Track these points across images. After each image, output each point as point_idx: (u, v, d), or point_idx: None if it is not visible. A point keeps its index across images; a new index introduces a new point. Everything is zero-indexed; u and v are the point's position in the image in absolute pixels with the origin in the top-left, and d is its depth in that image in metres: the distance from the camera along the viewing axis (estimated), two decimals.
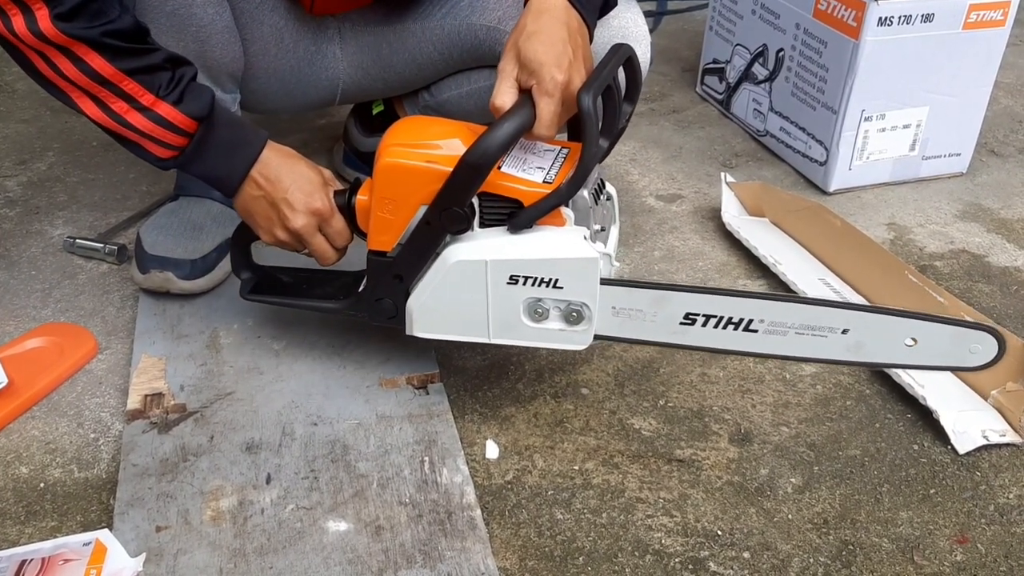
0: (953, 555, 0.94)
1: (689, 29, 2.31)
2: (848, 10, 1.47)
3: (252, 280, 1.12)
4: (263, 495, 0.95)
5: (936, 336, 0.93)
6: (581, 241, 0.95)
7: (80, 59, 0.92)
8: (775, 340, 0.95)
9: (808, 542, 0.95)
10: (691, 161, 1.70)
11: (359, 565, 0.88)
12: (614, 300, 0.98)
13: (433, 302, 0.99)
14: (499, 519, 0.96)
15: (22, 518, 0.94)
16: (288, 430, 1.03)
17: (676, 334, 0.98)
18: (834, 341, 0.94)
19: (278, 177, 1.03)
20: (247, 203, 1.05)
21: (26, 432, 1.05)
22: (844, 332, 0.93)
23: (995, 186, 1.65)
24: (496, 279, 0.96)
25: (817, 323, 0.93)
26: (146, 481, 0.96)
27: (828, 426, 1.10)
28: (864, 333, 0.93)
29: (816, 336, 0.94)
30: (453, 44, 1.29)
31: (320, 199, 1.03)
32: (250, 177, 1.03)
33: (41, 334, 1.16)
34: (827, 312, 0.93)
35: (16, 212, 1.45)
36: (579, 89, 0.90)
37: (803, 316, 0.94)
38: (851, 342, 0.94)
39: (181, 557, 0.88)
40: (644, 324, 0.99)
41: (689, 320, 0.96)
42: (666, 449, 1.06)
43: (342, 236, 1.06)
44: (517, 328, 0.99)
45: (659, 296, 0.97)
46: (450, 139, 0.95)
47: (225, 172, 1.03)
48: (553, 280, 0.95)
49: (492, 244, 0.95)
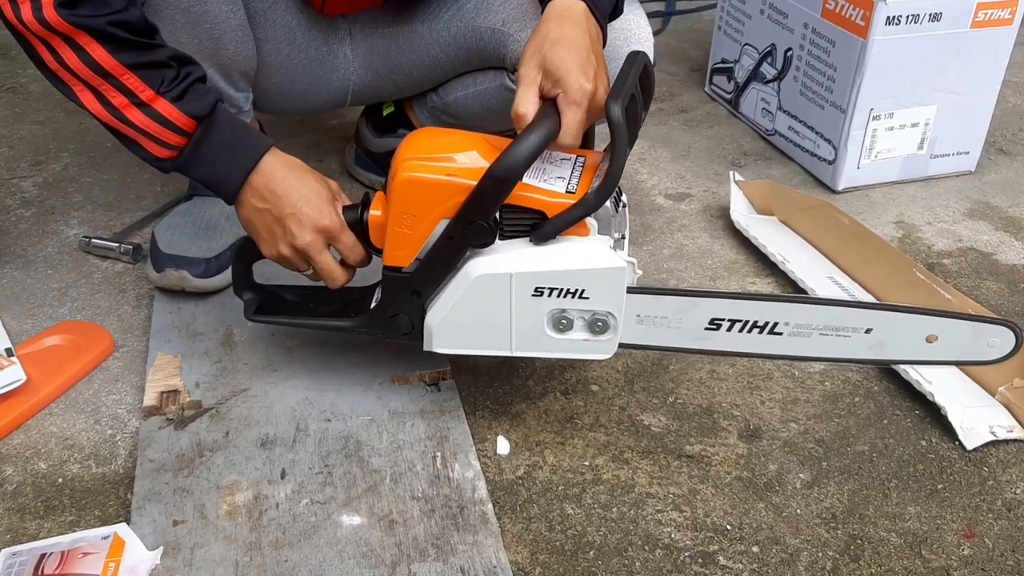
0: (961, 549, 0.95)
1: (698, 29, 2.32)
2: (856, 9, 1.48)
3: (255, 301, 1.08)
4: (278, 490, 0.96)
5: (956, 332, 0.96)
6: (608, 251, 0.94)
7: (82, 49, 0.91)
8: (799, 342, 0.96)
9: (816, 536, 0.96)
10: (700, 160, 1.71)
11: (372, 558, 0.89)
12: (639, 308, 0.98)
13: (454, 317, 0.96)
14: (510, 514, 0.97)
15: (41, 513, 0.96)
16: (302, 426, 1.05)
17: (701, 339, 0.98)
18: (857, 341, 0.96)
19: (285, 190, 0.98)
20: (250, 215, 1.00)
21: (44, 428, 1.06)
22: (867, 332, 0.95)
23: (1004, 184, 1.65)
24: (520, 292, 0.94)
25: (841, 324, 0.95)
26: (163, 476, 0.97)
27: (836, 422, 1.11)
28: (886, 332, 0.95)
29: (840, 336, 0.95)
30: (459, 46, 1.30)
31: (329, 215, 0.99)
32: (251, 185, 0.99)
33: (58, 332, 1.18)
34: (850, 312, 0.95)
35: (32, 212, 1.47)
36: (608, 100, 0.88)
37: (827, 317, 0.95)
38: (874, 341, 0.96)
39: (198, 550, 0.89)
40: (669, 331, 0.98)
41: (714, 326, 0.96)
42: (676, 445, 1.07)
43: (354, 253, 1.01)
44: (540, 340, 0.97)
45: (685, 303, 0.97)
46: (468, 151, 0.94)
47: (224, 176, 0.99)
48: (580, 291, 0.94)
49: (516, 256, 0.94)
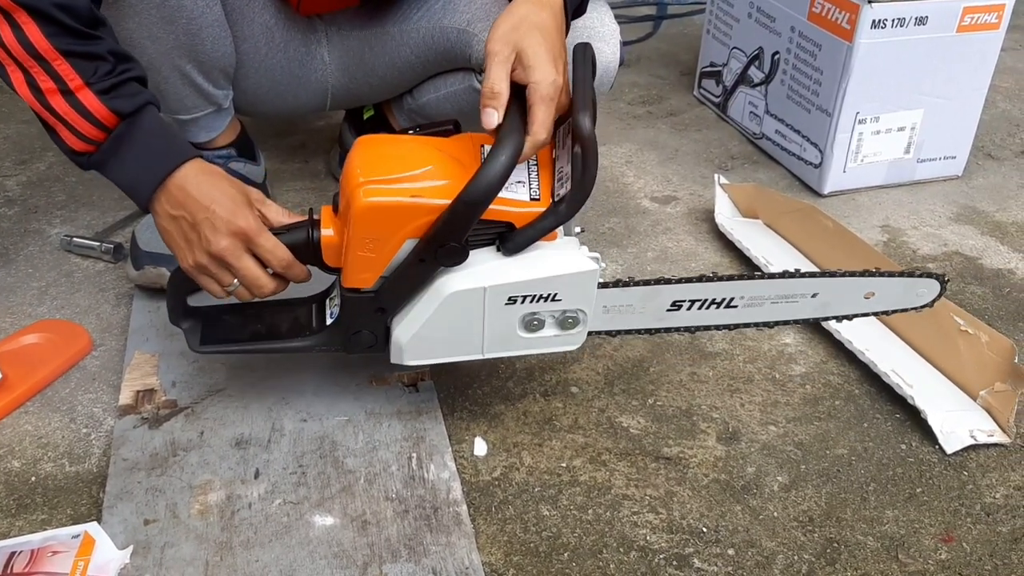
0: (938, 554, 0.95)
1: (688, 33, 2.32)
2: (842, 13, 1.47)
3: (196, 328, 1.02)
4: (251, 489, 0.96)
5: (890, 288, 1.06)
6: (580, 255, 0.94)
7: (20, 27, 0.89)
8: (753, 311, 1.04)
9: (793, 539, 0.95)
10: (687, 163, 1.70)
11: (344, 559, 0.89)
12: (606, 300, 1.00)
13: (426, 332, 0.95)
14: (485, 515, 0.96)
15: (13, 511, 0.95)
16: (278, 426, 1.04)
17: (663, 319, 1.03)
18: (804, 304, 1.05)
19: (199, 195, 0.92)
20: (166, 223, 0.95)
21: (19, 427, 1.06)
22: (814, 296, 1.04)
23: (990, 189, 1.65)
24: (494, 302, 0.93)
25: (790, 292, 1.04)
26: (135, 475, 0.97)
27: (816, 425, 1.10)
28: (830, 294, 1.05)
29: (789, 303, 1.04)
30: (428, 47, 1.29)
31: (244, 216, 0.93)
32: (166, 190, 0.93)
33: (36, 330, 1.17)
34: (797, 282, 1.04)
35: (15, 211, 1.46)
36: (577, 114, 0.86)
37: (777, 288, 1.03)
38: (819, 303, 1.05)
39: (168, 550, 0.89)
40: (633, 316, 1.02)
41: (675, 307, 1.01)
42: (654, 447, 1.06)
43: (276, 256, 0.94)
44: (511, 341, 0.97)
45: (649, 291, 1.00)
46: (424, 167, 0.90)
47: (138, 179, 0.95)
48: (553, 295, 0.94)
49: (488, 269, 0.92)
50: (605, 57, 1.21)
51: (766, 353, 1.21)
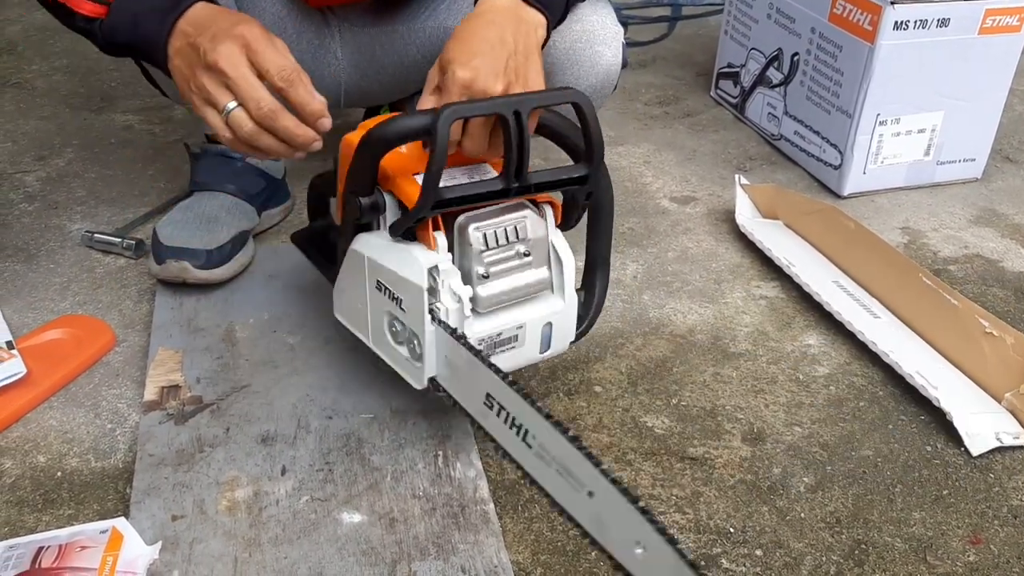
0: (966, 556, 0.94)
1: (704, 34, 2.32)
2: (864, 14, 1.47)
3: (309, 231, 1.16)
4: (278, 486, 0.96)
5: None
6: (419, 265, 0.88)
7: None
8: (540, 465, 0.78)
9: (820, 540, 0.95)
10: (705, 164, 1.70)
11: (372, 556, 0.88)
12: (447, 349, 0.89)
13: (340, 285, 1.02)
14: (512, 514, 0.96)
15: (39, 506, 0.95)
16: (303, 423, 1.04)
17: (480, 413, 0.86)
18: (581, 499, 0.74)
19: (206, 20, 0.92)
20: (176, 62, 0.94)
21: (44, 422, 1.05)
22: (590, 495, 0.73)
23: (1010, 192, 1.65)
24: (370, 280, 0.94)
25: (574, 471, 0.74)
26: (162, 471, 0.97)
27: (841, 427, 1.10)
28: (605, 506, 0.71)
29: (569, 484, 0.75)
30: (433, 46, 1.29)
31: (247, 25, 0.90)
32: (177, 31, 0.93)
33: (59, 326, 1.17)
34: (584, 465, 0.73)
35: (35, 207, 1.46)
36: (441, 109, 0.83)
37: (566, 456, 0.75)
38: (594, 511, 0.73)
39: (196, 546, 0.89)
40: (463, 387, 0.88)
41: (488, 404, 0.84)
42: (679, 447, 1.06)
43: (276, 64, 0.89)
44: (382, 341, 0.97)
45: (472, 361, 0.85)
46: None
47: (150, 30, 0.94)
48: (400, 299, 0.91)
49: (376, 243, 0.94)
50: (606, 60, 1.20)
51: (789, 354, 1.21)
